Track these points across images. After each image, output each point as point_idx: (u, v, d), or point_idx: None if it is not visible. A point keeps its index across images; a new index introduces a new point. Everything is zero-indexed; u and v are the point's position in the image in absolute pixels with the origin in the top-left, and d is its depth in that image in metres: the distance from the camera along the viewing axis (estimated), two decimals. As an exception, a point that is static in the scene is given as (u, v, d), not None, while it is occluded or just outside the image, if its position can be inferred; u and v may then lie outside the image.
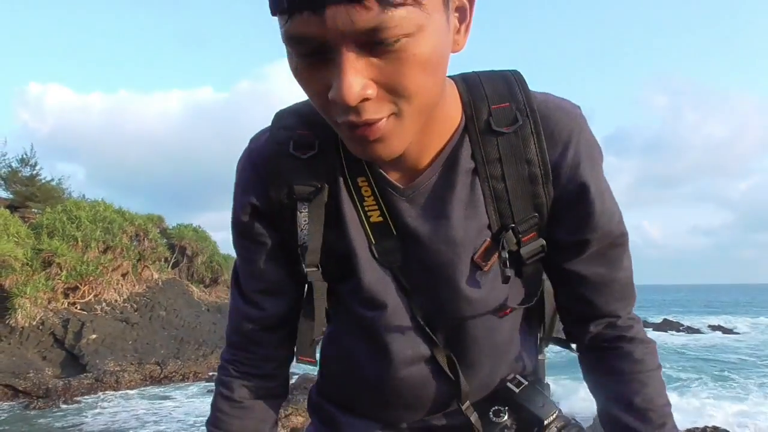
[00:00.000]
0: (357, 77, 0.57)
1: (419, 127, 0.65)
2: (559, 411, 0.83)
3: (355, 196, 0.76)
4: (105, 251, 15.11)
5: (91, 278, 14.16)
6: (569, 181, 0.75)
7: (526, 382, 0.85)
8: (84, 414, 10.03)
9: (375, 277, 0.77)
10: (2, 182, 17.96)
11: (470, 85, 0.75)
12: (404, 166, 0.74)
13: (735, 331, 28.53)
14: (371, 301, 0.77)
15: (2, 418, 9.78)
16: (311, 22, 0.55)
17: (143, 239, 16.99)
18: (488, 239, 0.75)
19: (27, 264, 13.12)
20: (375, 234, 0.76)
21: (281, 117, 0.80)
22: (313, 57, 0.58)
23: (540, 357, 0.92)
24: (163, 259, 17.74)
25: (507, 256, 0.74)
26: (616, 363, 0.82)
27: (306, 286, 0.80)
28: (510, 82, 0.75)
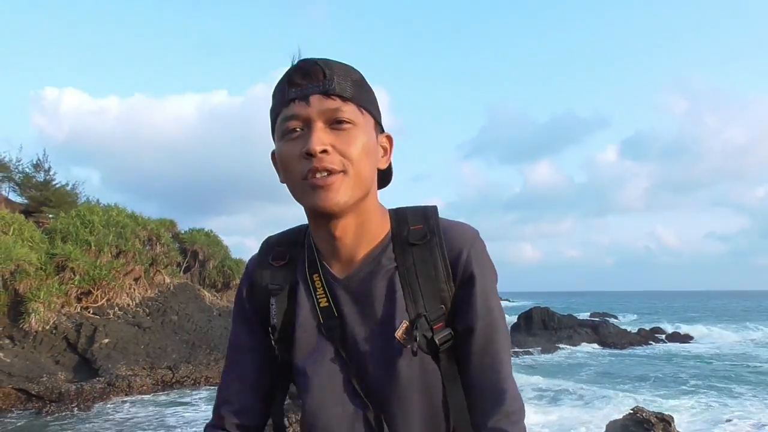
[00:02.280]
0: (323, 137, 0.92)
1: (360, 196, 0.95)
2: None
3: (311, 288, 1.03)
4: (118, 256, 15.22)
5: (104, 283, 14.27)
6: (463, 274, 0.98)
7: None
8: (96, 420, 10.08)
9: (317, 347, 1.00)
10: (17, 187, 18.18)
11: (398, 213, 1.05)
12: (343, 262, 1.02)
13: (751, 339, 28.19)
14: (312, 365, 1.00)
15: (20, 424, 9.86)
16: (301, 106, 0.93)
17: (155, 244, 17.10)
18: (406, 321, 0.96)
19: (41, 268, 13.25)
20: (323, 315, 1.01)
21: (267, 241, 1.13)
22: (295, 132, 0.93)
23: None
24: (175, 264, 17.84)
25: (417, 336, 0.94)
26: None
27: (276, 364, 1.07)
28: (426, 214, 1.04)
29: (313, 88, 0.92)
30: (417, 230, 1.01)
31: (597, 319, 32.30)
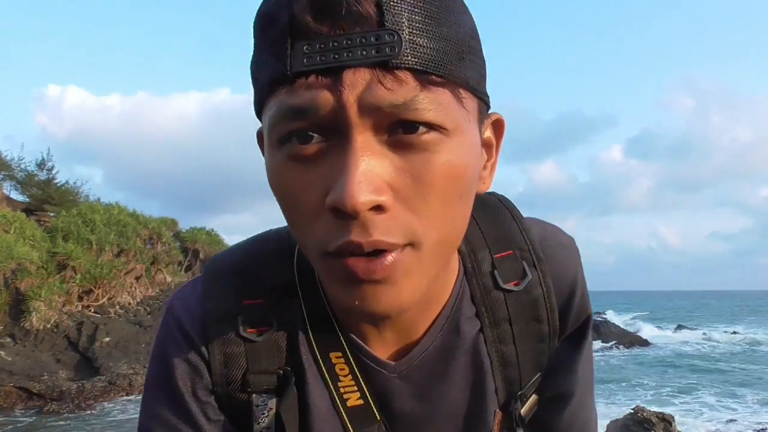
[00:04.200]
0: (374, 169, 0.44)
1: (435, 275, 0.52)
2: None
3: (327, 377, 0.60)
4: (119, 254, 15.23)
5: (105, 281, 14.27)
6: (573, 325, 0.66)
7: None
8: (97, 419, 10.10)
9: None
10: (19, 186, 18.18)
11: None
12: (395, 334, 0.60)
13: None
14: None
15: (21, 422, 9.87)
16: (320, 86, 0.43)
17: (157, 243, 17.12)
18: (498, 412, 0.63)
19: (42, 267, 13.25)
20: (353, 420, 0.61)
21: (218, 279, 0.63)
22: (306, 143, 0.46)
23: None
24: (176, 263, 17.85)
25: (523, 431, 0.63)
26: None
27: None
28: (505, 219, 0.65)
29: (353, 48, 0.42)
30: (507, 260, 0.63)
31: (598, 318, 32.25)
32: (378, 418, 0.61)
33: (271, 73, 0.46)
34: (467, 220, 0.53)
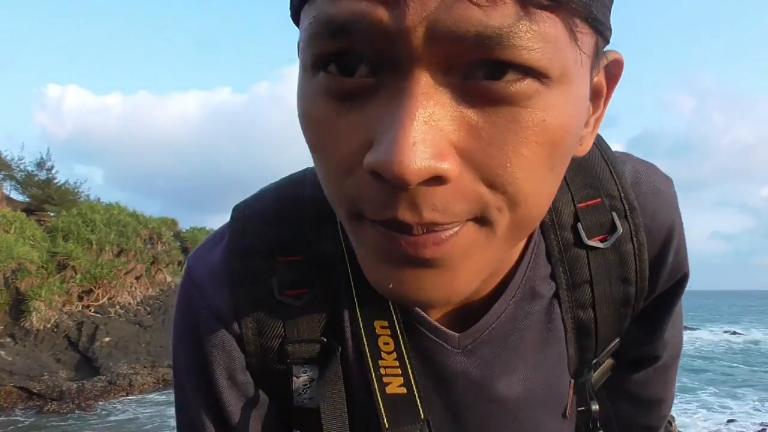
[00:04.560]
0: (434, 128, 0.32)
1: (501, 259, 0.42)
2: None
3: (367, 352, 0.48)
4: (119, 254, 15.25)
5: (105, 281, 14.29)
6: (664, 285, 0.56)
7: None
8: (97, 418, 10.10)
9: None
10: (19, 186, 18.19)
11: None
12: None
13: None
14: None
15: (21, 422, 9.88)
16: (377, 5, 0.30)
17: (157, 242, 17.14)
18: (571, 385, 0.54)
19: (42, 267, 13.27)
20: (389, 413, 0.47)
21: (246, 230, 0.51)
22: (349, 75, 0.34)
23: None
24: (176, 263, 17.86)
25: (597, 407, 0.55)
26: None
27: None
28: (594, 160, 0.52)
29: None
30: (593, 211, 0.51)
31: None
32: (422, 415, 0.47)
33: None
34: (554, 196, 0.41)
